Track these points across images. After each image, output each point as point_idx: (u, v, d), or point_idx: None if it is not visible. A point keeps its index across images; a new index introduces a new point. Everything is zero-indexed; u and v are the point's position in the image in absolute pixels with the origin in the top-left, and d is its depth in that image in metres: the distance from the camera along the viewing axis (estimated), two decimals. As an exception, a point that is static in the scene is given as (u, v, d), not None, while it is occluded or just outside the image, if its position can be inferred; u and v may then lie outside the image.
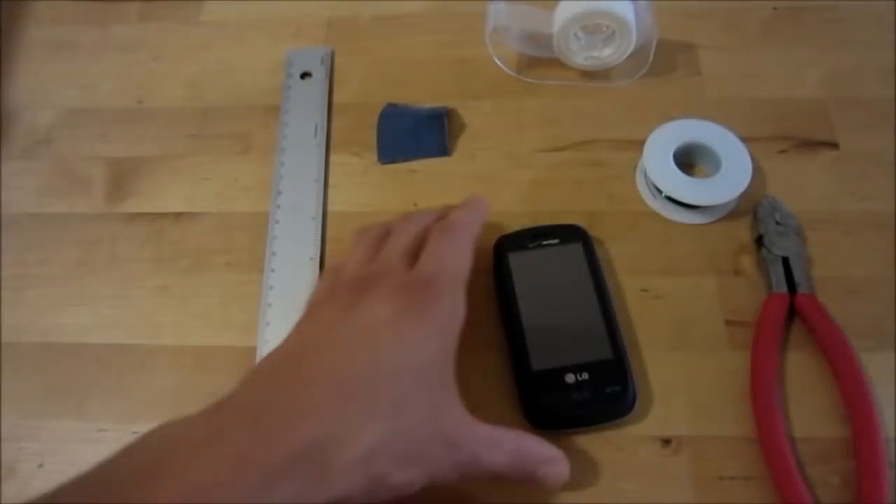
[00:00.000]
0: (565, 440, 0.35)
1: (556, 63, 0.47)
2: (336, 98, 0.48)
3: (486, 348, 0.38)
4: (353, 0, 0.53)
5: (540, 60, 0.48)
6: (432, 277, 0.30)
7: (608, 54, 0.46)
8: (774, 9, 0.50)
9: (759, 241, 0.40)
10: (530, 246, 0.39)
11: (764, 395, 0.35)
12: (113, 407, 0.38)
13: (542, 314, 0.37)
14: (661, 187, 0.41)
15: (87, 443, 0.37)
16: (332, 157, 0.46)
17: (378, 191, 0.44)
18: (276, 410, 0.25)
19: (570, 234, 0.40)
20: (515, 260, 0.39)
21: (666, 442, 0.35)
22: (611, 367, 0.35)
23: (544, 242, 0.39)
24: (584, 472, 0.35)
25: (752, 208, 0.41)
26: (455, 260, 0.32)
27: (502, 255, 0.39)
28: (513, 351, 0.37)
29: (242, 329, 0.40)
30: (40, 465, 0.37)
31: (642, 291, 0.39)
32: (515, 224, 0.41)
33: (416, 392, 0.26)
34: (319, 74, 0.49)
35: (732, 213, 0.41)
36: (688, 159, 0.43)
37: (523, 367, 0.36)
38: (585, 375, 0.35)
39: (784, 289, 0.38)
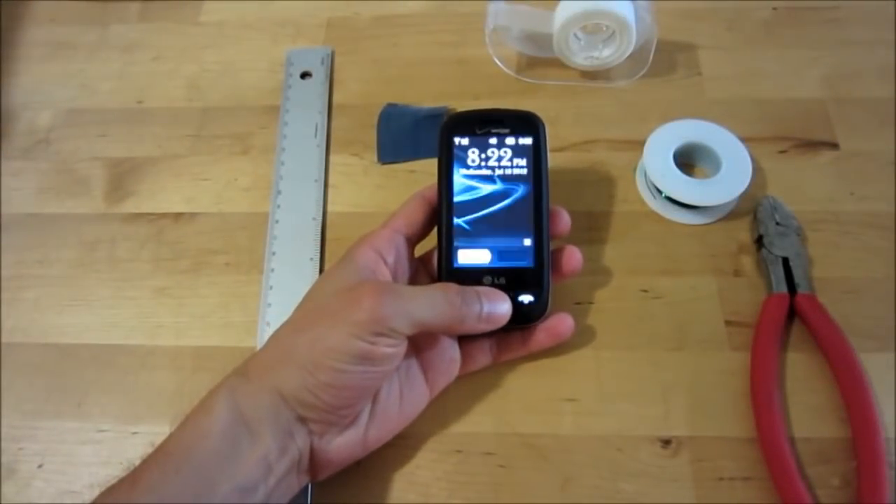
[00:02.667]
0: (565, 439, 0.35)
1: (556, 63, 0.47)
2: (336, 98, 0.49)
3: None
4: (353, 0, 0.53)
5: (540, 60, 0.48)
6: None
7: (608, 54, 0.46)
8: (774, 9, 0.50)
9: (759, 241, 0.40)
10: (478, 132, 0.37)
11: (764, 395, 0.35)
12: (113, 407, 0.38)
13: (474, 209, 0.36)
14: (661, 187, 0.41)
15: (86, 443, 0.37)
16: (332, 157, 0.46)
17: (378, 191, 0.44)
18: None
19: (524, 124, 0.37)
20: (460, 145, 0.37)
21: (666, 442, 0.35)
22: (529, 276, 0.35)
23: (493, 130, 0.37)
24: (585, 472, 0.35)
25: (752, 209, 0.41)
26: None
27: (448, 137, 0.37)
28: (440, 241, 0.36)
29: (242, 329, 0.40)
30: (40, 466, 0.37)
31: (642, 291, 0.39)
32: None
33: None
34: (319, 74, 0.49)
35: (732, 213, 0.41)
36: (688, 159, 0.43)
37: (446, 261, 0.36)
38: (503, 280, 0.35)
39: (784, 289, 0.38)
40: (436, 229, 0.37)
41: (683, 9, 0.50)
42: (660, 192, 0.41)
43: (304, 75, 0.49)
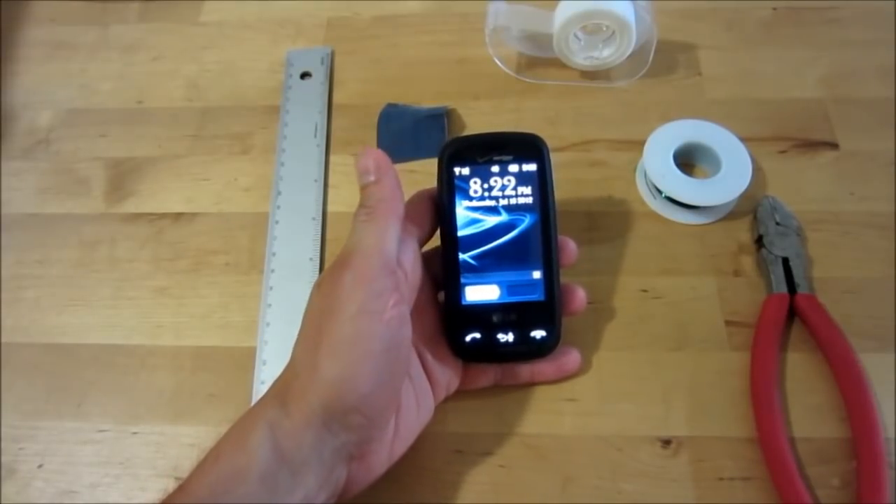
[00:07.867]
0: (565, 439, 0.35)
1: (556, 63, 0.47)
2: (336, 98, 0.49)
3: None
4: (353, 0, 0.53)
5: (540, 60, 0.48)
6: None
7: (608, 54, 0.46)
8: (774, 9, 0.50)
9: (759, 241, 0.40)
10: (480, 160, 0.35)
11: (764, 395, 0.35)
12: (113, 407, 0.38)
13: (480, 243, 0.34)
14: (661, 187, 0.41)
15: (86, 443, 0.37)
16: (332, 157, 0.46)
17: (378, 191, 0.44)
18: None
19: (527, 149, 0.35)
20: (461, 175, 0.35)
21: (666, 442, 0.35)
22: (540, 310, 0.35)
23: (496, 158, 0.35)
24: (585, 472, 0.35)
25: (752, 209, 0.41)
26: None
27: (448, 167, 0.35)
28: (447, 277, 0.35)
29: (242, 329, 0.40)
30: (40, 466, 0.37)
31: (642, 291, 0.39)
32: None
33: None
34: (319, 74, 0.49)
35: (732, 213, 0.41)
36: (688, 159, 0.43)
37: (454, 298, 0.35)
38: (513, 316, 0.34)
39: (784, 289, 0.38)
40: (440, 262, 0.35)
41: (683, 9, 0.50)
42: (660, 192, 0.41)
43: (304, 75, 0.49)
